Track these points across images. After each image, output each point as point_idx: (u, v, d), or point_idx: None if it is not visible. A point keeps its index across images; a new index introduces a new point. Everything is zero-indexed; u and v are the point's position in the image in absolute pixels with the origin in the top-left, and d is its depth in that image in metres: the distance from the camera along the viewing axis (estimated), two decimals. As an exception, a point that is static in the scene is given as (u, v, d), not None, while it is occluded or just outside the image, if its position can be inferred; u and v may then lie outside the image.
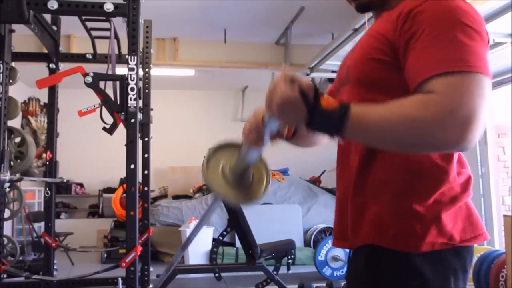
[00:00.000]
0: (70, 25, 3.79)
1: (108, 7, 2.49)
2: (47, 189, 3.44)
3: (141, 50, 3.66)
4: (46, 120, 4.09)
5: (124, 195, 2.65)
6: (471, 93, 0.83)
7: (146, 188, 3.73)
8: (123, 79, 2.54)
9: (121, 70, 2.90)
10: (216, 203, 1.36)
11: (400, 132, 0.86)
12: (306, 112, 0.89)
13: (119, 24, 2.66)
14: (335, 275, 4.79)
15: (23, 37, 3.85)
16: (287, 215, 6.52)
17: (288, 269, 3.88)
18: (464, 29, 0.89)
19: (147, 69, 3.89)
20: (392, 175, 0.99)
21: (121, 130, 2.68)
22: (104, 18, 3.09)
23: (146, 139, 3.72)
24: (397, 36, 0.95)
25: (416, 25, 0.92)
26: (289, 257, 3.85)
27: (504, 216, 3.52)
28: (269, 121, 1.00)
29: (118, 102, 2.57)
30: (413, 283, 0.95)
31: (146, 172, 3.72)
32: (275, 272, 3.62)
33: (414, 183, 0.97)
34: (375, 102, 0.91)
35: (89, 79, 2.47)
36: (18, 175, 2.86)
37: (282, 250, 3.84)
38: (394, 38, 0.95)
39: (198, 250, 5.71)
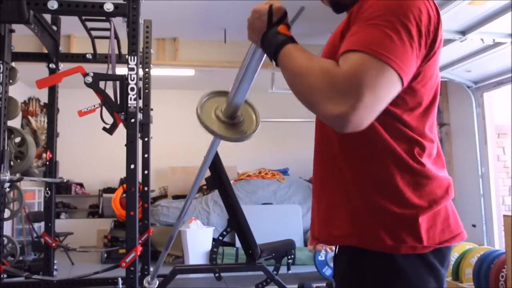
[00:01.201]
0: (70, 25, 3.80)
1: (108, 7, 2.49)
2: (47, 189, 3.44)
3: (141, 50, 3.67)
4: (46, 120, 4.09)
5: (124, 195, 2.65)
6: (369, 77, 0.82)
7: (146, 188, 3.73)
8: (123, 79, 2.54)
9: (121, 70, 2.90)
10: (215, 147, 1.60)
11: (300, 83, 0.90)
12: (265, 29, 1.02)
13: (119, 24, 2.66)
14: (332, 274, 4.78)
15: (23, 37, 3.86)
16: (287, 215, 6.52)
17: (288, 269, 3.87)
18: (393, 21, 0.88)
19: (147, 69, 3.89)
20: (368, 177, 0.99)
21: (121, 130, 2.68)
22: (104, 18, 3.10)
23: (146, 139, 3.72)
24: (348, 29, 0.97)
25: (358, 14, 0.94)
26: (289, 257, 3.84)
27: (504, 216, 3.52)
28: (250, 49, 1.12)
29: (118, 102, 2.57)
30: (396, 284, 0.96)
31: (146, 172, 3.72)
32: (275, 272, 3.62)
33: (390, 185, 0.97)
34: None
35: (89, 79, 2.47)
36: (18, 175, 2.86)
37: (282, 250, 3.84)
38: (346, 32, 0.97)
39: (198, 250, 5.71)
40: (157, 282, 3.11)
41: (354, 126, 0.84)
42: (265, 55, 1.08)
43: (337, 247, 1.09)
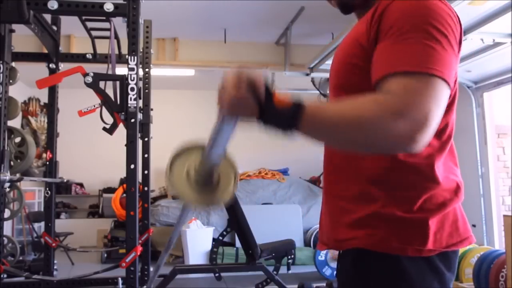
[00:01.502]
0: (70, 25, 3.80)
1: (108, 7, 2.49)
2: (47, 189, 3.44)
3: (141, 50, 3.67)
4: (46, 120, 4.09)
5: (124, 195, 2.65)
6: (426, 95, 0.82)
7: (146, 188, 3.73)
8: (123, 79, 2.54)
9: (121, 70, 2.90)
10: (186, 211, 1.32)
11: (353, 131, 0.84)
12: (257, 110, 0.88)
13: (119, 24, 2.67)
14: (335, 275, 4.79)
15: (23, 37, 3.86)
16: (287, 215, 6.52)
17: (288, 269, 3.87)
18: (431, 31, 0.87)
19: (147, 69, 3.89)
20: (374, 179, 0.98)
21: (121, 130, 2.68)
22: (104, 18, 3.10)
23: (146, 139, 3.73)
24: (368, 38, 0.94)
25: (384, 23, 0.91)
26: (289, 257, 3.85)
27: (504, 216, 3.52)
28: (225, 118, 0.96)
29: (118, 102, 2.57)
30: (400, 286, 0.95)
31: (146, 172, 3.73)
32: (275, 272, 3.62)
33: (398, 187, 0.97)
34: None
35: (89, 79, 2.47)
36: (18, 175, 2.86)
37: (282, 250, 3.84)
38: (365, 41, 0.95)
39: (198, 250, 5.72)
40: None
41: (425, 145, 0.83)
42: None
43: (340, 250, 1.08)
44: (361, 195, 1.00)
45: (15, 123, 6.49)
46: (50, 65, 3.48)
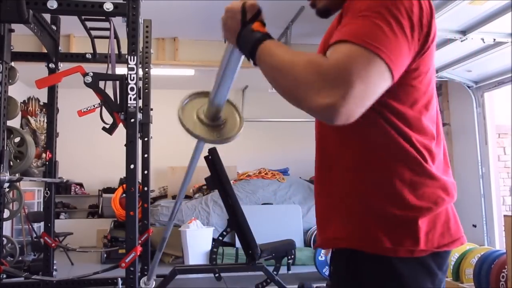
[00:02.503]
0: (69, 24, 3.79)
1: (108, 6, 2.49)
2: (47, 189, 3.43)
3: (141, 50, 3.66)
4: (45, 120, 4.08)
5: (124, 195, 2.64)
6: (356, 68, 0.80)
7: (146, 188, 3.73)
8: (123, 79, 2.54)
9: (120, 70, 2.89)
10: (199, 150, 1.53)
11: (284, 78, 0.88)
12: (239, 27, 0.99)
13: (119, 23, 2.66)
14: (328, 274, 4.78)
15: (22, 37, 3.85)
16: (287, 215, 6.52)
17: (288, 269, 3.86)
18: (383, 13, 0.85)
19: (146, 69, 3.89)
20: (366, 177, 0.97)
21: (121, 130, 2.67)
22: (103, 17, 3.09)
23: (146, 139, 3.72)
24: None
25: (348, 8, 0.92)
26: (289, 257, 3.84)
27: (505, 216, 3.51)
28: (227, 49, 1.10)
29: (118, 102, 2.57)
30: (391, 286, 0.95)
31: (146, 172, 3.72)
32: (275, 272, 3.61)
33: (388, 186, 0.95)
34: None
35: (88, 79, 2.46)
36: (17, 175, 2.85)
37: (282, 250, 3.83)
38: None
39: (198, 250, 5.71)
40: (154, 283, 3.10)
41: (344, 118, 0.81)
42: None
43: (334, 248, 1.08)
44: (351, 191, 0.99)
45: (15, 123, 6.48)
46: (50, 65, 3.48)
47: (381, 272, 0.95)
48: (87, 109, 3.11)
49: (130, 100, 2.47)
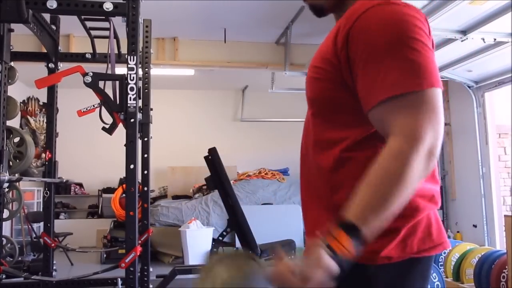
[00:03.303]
0: (69, 24, 3.78)
1: (108, 6, 2.48)
2: (46, 189, 3.42)
3: (141, 50, 3.65)
4: (45, 120, 4.07)
5: (124, 195, 2.63)
6: (422, 118, 0.85)
7: (145, 188, 3.72)
8: (123, 79, 2.53)
9: (120, 69, 2.88)
10: None
11: (392, 191, 0.84)
12: (335, 263, 0.82)
13: (119, 23, 2.65)
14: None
15: (22, 37, 3.84)
16: (287, 215, 6.51)
17: (288, 269, 3.86)
18: (407, 43, 0.88)
19: (146, 69, 3.88)
20: (345, 185, 0.97)
21: (121, 130, 2.67)
22: (103, 17, 3.08)
23: (146, 139, 3.71)
24: (339, 56, 0.94)
25: (354, 45, 0.91)
26: (289, 257, 3.84)
27: (505, 216, 3.51)
28: None
29: (118, 102, 2.56)
30: None
31: (145, 172, 3.71)
32: (275, 273, 3.61)
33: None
34: (331, 121, 0.97)
35: (88, 78, 2.46)
36: (17, 175, 2.84)
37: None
38: (335, 57, 0.95)
39: (198, 250, 5.70)
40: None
41: (439, 146, 0.87)
42: None
43: None
44: (332, 204, 0.98)
45: (14, 123, 6.47)
46: (49, 65, 3.47)
47: (357, 280, 0.92)
48: (86, 109, 3.10)
49: (130, 100, 2.46)
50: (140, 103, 3.30)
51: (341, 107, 0.98)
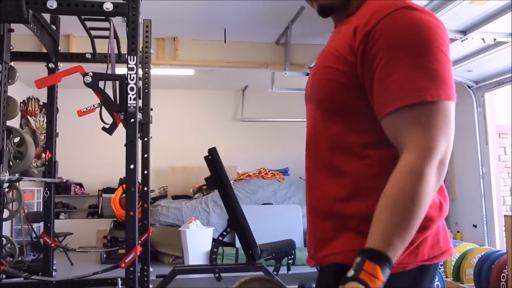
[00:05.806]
0: (69, 24, 3.78)
1: (108, 6, 2.48)
2: (46, 189, 3.42)
3: (141, 50, 3.65)
4: (45, 120, 4.07)
5: (124, 195, 2.63)
6: (436, 131, 0.85)
7: (145, 188, 3.72)
8: (123, 79, 2.53)
9: (120, 69, 2.88)
10: None
11: (413, 212, 0.85)
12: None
13: (119, 23, 2.65)
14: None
15: (22, 37, 3.85)
16: (287, 215, 6.52)
17: (288, 269, 3.86)
18: (432, 52, 0.89)
19: (146, 69, 3.88)
20: (359, 195, 0.97)
21: (121, 130, 2.67)
22: (103, 17, 3.08)
23: (146, 139, 3.71)
24: (357, 56, 0.93)
25: (378, 47, 0.90)
26: (289, 257, 3.84)
27: (505, 216, 3.51)
28: None
29: (118, 102, 2.56)
30: None
31: (145, 172, 3.71)
32: (275, 273, 3.61)
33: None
34: (340, 124, 0.96)
35: (88, 78, 2.46)
36: (17, 175, 2.84)
37: (282, 250, 3.83)
38: (352, 57, 0.93)
39: (198, 250, 5.71)
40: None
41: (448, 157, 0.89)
42: None
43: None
44: (344, 210, 0.99)
45: (14, 123, 6.47)
46: (49, 65, 3.47)
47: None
48: (86, 109, 3.10)
49: (130, 100, 2.46)
50: (140, 103, 3.30)
51: (356, 109, 0.97)
